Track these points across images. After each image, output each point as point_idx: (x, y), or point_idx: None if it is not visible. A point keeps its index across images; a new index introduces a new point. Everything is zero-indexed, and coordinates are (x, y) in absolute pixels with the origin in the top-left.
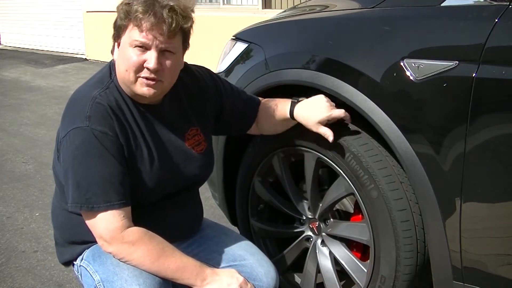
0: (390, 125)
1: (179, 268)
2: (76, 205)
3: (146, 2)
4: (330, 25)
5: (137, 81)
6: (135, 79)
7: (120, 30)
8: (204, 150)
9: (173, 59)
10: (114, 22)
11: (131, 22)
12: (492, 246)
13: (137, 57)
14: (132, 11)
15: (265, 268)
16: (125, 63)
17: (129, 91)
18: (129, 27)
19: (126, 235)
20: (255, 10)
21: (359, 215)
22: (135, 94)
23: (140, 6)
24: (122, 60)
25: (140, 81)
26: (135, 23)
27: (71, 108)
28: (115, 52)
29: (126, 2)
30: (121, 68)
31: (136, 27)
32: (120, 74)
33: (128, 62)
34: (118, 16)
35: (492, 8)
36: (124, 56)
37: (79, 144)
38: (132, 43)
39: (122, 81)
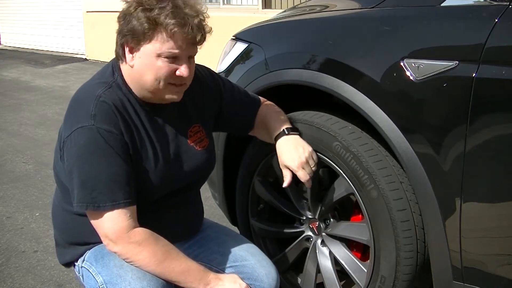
0: (390, 125)
1: (183, 271)
2: (81, 204)
3: (175, 13)
4: (330, 25)
5: (166, 88)
6: (165, 87)
7: (140, 37)
8: (206, 147)
9: (194, 62)
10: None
11: (159, 32)
12: (492, 246)
13: (169, 68)
14: (162, 22)
15: (266, 268)
16: (155, 73)
17: (148, 96)
18: (156, 37)
19: (132, 235)
20: (255, 10)
21: (359, 215)
22: (158, 98)
23: (171, 19)
24: (150, 70)
25: (170, 88)
26: (168, 35)
27: (74, 107)
28: (128, 57)
29: (145, 8)
30: (148, 76)
31: (169, 38)
32: (145, 82)
33: (159, 72)
34: (136, 21)
35: (492, 8)
36: (153, 65)
37: (84, 143)
38: (163, 53)
39: (144, 88)
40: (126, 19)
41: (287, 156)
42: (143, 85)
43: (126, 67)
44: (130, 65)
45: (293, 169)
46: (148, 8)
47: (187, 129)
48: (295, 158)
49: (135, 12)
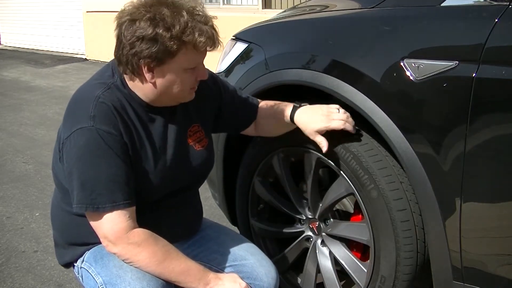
0: (390, 125)
1: (183, 271)
2: (81, 206)
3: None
4: (330, 25)
5: (188, 93)
6: (187, 92)
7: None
8: (205, 146)
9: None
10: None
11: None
12: (492, 246)
13: (193, 77)
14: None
15: (265, 268)
16: (182, 85)
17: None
18: (183, 54)
19: (132, 236)
20: (255, 10)
21: (359, 215)
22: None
23: (200, 36)
24: (176, 84)
25: (190, 92)
26: (197, 51)
27: (73, 108)
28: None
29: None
30: (174, 90)
31: (198, 54)
32: (169, 94)
33: (186, 84)
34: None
35: (492, 8)
36: (180, 80)
37: (83, 144)
38: (190, 65)
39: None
40: (143, 41)
41: (311, 121)
42: (164, 95)
43: (140, 83)
44: (150, 82)
45: (325, 128)
46: (168, 26)
47: (187, 129)
48: (320, 118)
49: (157, 34)
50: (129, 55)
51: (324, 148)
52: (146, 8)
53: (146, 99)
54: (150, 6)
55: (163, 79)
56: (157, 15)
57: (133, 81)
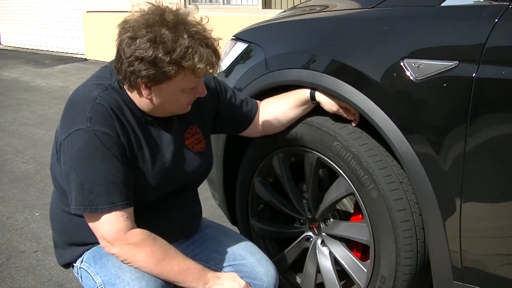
0: (390, 125)
1: (181, 270)
2: (79, 207)
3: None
4: (330, 25)
5: (184, 108)
6: (185, 107)
7: (163, 78)
8: (203, 148)
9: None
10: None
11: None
12: (492, 246)
13: (190, 95)
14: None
15: (265, 267)
16: (179, 103)
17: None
18: (181, 76)
19: (130, 236)
20: (255, 10)
21: (359, 215)
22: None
23: (199, 62)
24: (173, 101)
25: (187, 107)
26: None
27: (71, 109)
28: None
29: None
30: (171, 107)
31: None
32: (166, 109)
33: (183, 103)
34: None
35: (492, 8)
36: (177, 99)
37: (81, 145)
38: (188, 87)
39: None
40: (142, 62)
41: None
42: (160, 109)
43: (138, 95)
44: (147, 98)
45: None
46: (168, 51)
47: (185, 131)
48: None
49: (156, 57)
50: (127, 72)
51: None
52: (147, 27)
53: (144, 109)
54: (151, 26)
55: (160, 97)
56: (158, 37)
57: (131, 92)
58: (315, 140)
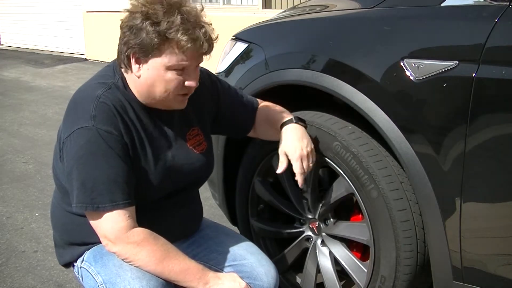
0: (390, 125)
1: (182, 270)
2: (81, 205)
3: (186, 28)
4: (330, 25)
5: (175, 99)
6: (173, 97)
7: (149, 50)
8: (205, 150)
9: (199, 70)
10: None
11: (171, 47)
12: (492, 246)
13: (178, 80)
14: (173, 37)
15: (265, 267)
16: (166, 85)
17: (152, 101)
18: (166, 51)
19: (131, 235)
20: (255, 10)
21: (359, 215)
22: (163, 106)
23: (183, 35)
24: (160, 82)
25: (178, 98)
26: (180, 50)
27: (74, 107)
28: (134, 68)
29: (154, 21)
30: (158, 88)
31: (181, 53)
32: (155, 93)
33: (170, 85)
34: (144, 35)
35: (492, 8)
36: (163, 78)
37: (84, 143)
38: (173, 66)
39: (150, 96)
40: (132, 31)
41: (290, 144)
42: (150, 94)
43: (132, 77)
44: (136, 75)
45: (292, 158)
46: (156, 22)
47: (186, 132)
48: (297, 148)
49: (143, 25)
50: (121, 44)
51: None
52: (144, 5)
53: (140, 98)
54: (149, 3)
55: (147, 74)
56: (151, 10)
57: (126, 74)
58: (315, 140)
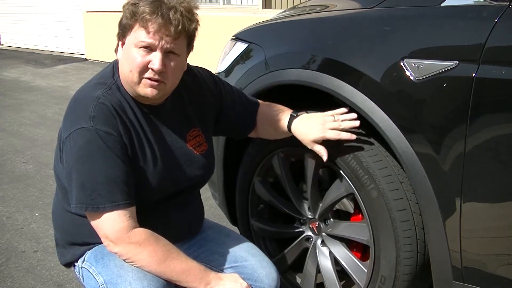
0: (390, 125)
1: (184, 271)
2: (81, 206)
3: (153, 3)
4: (330, 25)
5: (141, 82)
6: (139, 80)
7: (125, 29)
8: (205, 151)
9: (177, 61)
10: (120, 21)
11: (137, 22)
12: (492, 246)
13: (141, 58)
14: (138, 11)
15: (266, 269)
16: (130, 63)
17: (132, 91)
18: (135, 27)
19: (132, 235)
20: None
21: (359, 215)
22: (138, 94)
23: (147, 7)
24: (127, 61)
25: (144, 82)
26: (142, 24)
27: (74, 108)
28: (119, 52)
29: (132, 3)
30: (125, 68)
31: (142, 28)
32: (124, 74)
33: (132, 63)
34: (123, 15)
35: (492, 8)
36: (129, 56)
37: (83, 144)
38: (138, 43)
39: (125, 81)
40: (122, 13)
41: (308, 131)
42: (124, 79)
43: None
44: (120, 59)
45: (321, 137)
46: (135, 3)
47: (186, 133)
48: (316, 127)
49: (126, 6)
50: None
51: (324, 157)
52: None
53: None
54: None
55: (122, 54)
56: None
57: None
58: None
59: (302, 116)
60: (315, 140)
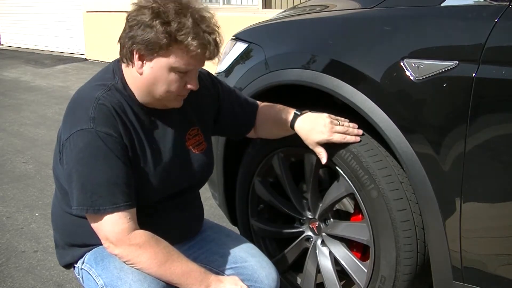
0: (390, 125)
1: (184, 273)
2: (81, 208)
3: (197, 33)
4: (330, 25)
5: (174, 99)
6: (174, 98)
7: (157, 50)
8: (204, 151)
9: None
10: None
11: (180, 49)
12: (492, 246)
13: (181, 82)
14: (182, 40)
15: (266, 270)
16: (167, 85)
17: (151, 101)
18: (173, 52)
19: (133, 237)
20: (255, 10)
21: (359, 215)
22: (158, 104)
23: (193, 40)
24: (161, 82)
25: (177, 98)
26: (188, 54)
27: (73, 109)
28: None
29: (165, 21)
30: (158, 87)
31: (189, 57)
32: (155, 91)
33: (171, 86)
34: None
35: (492, 8)
36: (165, 78)
37: (83, 146)
38: (178, 68)
39: (149, 95)
40: (140, 27)
41: (312, 132)
42: (150, 93)
43: (132, 72)
44: (138, 72)
45: (326, 140)
46: (167, 21)
47: (185, 132)
48: (321, 129)
49: (153, 23)
50: (126, 38)
51: (324, 160)
52: (155, 1)
53: (138, 95)
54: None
55: (149, 72)
56: (162, 7)
57: (127, 68)
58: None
59: (306, 115)
60: (319, 142)
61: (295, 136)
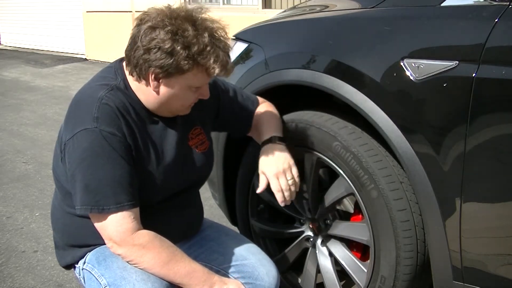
0: (390, 125)
1: (188, 273)
2: (85, 207)
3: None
4: (330, 25)
5: (187, 108)
6: (186, 108)
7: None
8: (206, 149)
9: None
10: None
11: (199, 71)
12: (492, 246)
13: (196, 96)
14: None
15: (266, 267)
16: (184, 101)
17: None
18: (192, 72)
19: (137, 237)
20: (255, 10)
21: (359, 215)
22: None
23: (215, 63)
24: (178, 98)
25: (189, 108)
26: (208, 74)
27: (76, 109)
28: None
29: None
30: (175, 103)
31: (207, 76)
32: (170, 106)
33: (187, 101)
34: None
35: (492, 8)
36: (182, 95)
37: (87, 146)
38: (195, 85)
39: (163, 107)
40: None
41: (266, 162)
42: (163, 106)
43: (145, 89)
44: (154, 91)
45: (268, 176)
46: (187, 45)
47: (188, 132)
48: (272, 166)
49: (174, 50)
50: (141, 59)
51: (258, 190)
52: (171, 20)
53: (147, 105)
54: (174, 19)
55: (166, 91)
56: (180, 30)
57: (138, 82)
58: (315, 140)
59: (277, 146)
60: (263, 172)
61: (294, 136)
